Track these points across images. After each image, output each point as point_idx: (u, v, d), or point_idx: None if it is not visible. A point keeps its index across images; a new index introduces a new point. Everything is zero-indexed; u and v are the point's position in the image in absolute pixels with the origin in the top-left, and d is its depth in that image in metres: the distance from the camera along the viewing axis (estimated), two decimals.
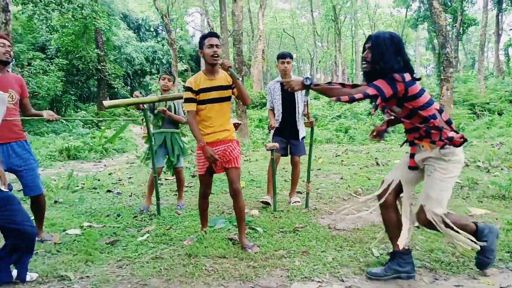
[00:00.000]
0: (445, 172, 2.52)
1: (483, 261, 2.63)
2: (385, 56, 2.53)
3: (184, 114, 4.82)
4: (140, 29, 36.88)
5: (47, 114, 3.73)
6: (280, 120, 4.86)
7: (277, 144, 4.58)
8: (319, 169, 7.50)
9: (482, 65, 22.01)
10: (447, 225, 2.53)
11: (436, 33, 15.08)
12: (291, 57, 4.82)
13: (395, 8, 37.76)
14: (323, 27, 41.60)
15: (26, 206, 5.08)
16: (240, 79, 3.33)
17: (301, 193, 5.36)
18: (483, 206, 4.24)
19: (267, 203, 4.80)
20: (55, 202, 5.42)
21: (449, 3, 25.11)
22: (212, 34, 3.33)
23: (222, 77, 3.40)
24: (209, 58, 3.28)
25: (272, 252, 3.25)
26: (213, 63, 3.30)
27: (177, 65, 26.53)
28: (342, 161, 8.38)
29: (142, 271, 2.96)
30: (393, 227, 2.78)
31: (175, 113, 4.88)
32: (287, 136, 4.88)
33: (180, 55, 31.22)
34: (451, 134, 2.53)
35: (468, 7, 25.13)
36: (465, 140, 2.57)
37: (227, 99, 3.41)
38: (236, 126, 4.21)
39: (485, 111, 15.36)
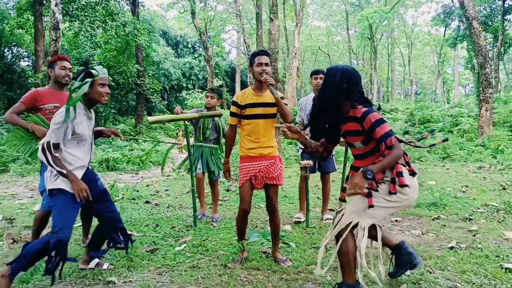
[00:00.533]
0: (390, 197, 2.56)
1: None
2: (334, 90, 2.62)
3: None
4: (178, 45, 38.01)
5: (110, 132, 3.92)
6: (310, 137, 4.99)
7: (311, 162, 4.70)
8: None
9: None
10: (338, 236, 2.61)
11: (475, 53, 14.87)
12: (324, 73, 4.97)
13: (434, 26, 37.31)
14: (359, 45, 41.52)
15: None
16: (280, 95, 3.37)
17: (333, 210, 5.43)
18: None
19: (299, 222, 4.89)
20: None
21: (489, 23, 24.64)
22: (263, 53, 3.44)
23: (269, 95, 3.45)
24: (258, 76, 3.38)
25: (304, 266, 3.35)
26: (261, 81, 3.38)
27: (213, 81, 27.12)
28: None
29: (180, 279, 3.13)
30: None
31: (221, 130, 5.21)
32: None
33: (216, 71, 31.93)
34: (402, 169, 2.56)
35: (509, 26, 24.56)
36: (414, 174, 2.62)
37: (273, 116, 3.46)
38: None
39: None
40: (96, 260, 3.37)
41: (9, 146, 3.73)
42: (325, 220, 4.97)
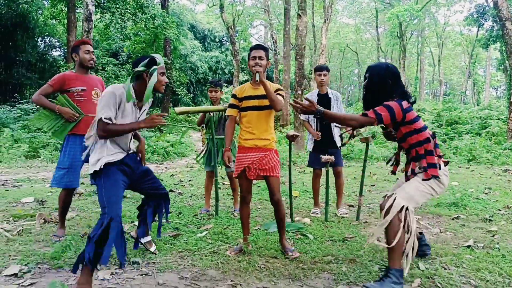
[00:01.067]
0: (426, 182, 2.91)
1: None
2: (382, 85, 2.98)
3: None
4: (206, 39, 38.30)
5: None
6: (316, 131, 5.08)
7: (332, 157, 4.76)
8: (373, 185, 7.55)
9: None
10: (387, 214, 2.81)
11: (508, 55, 14.53)
12: (328, 70, 5.05)
13: (466, 26, 36.40)
14: (388, 43, 40.90)
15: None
16: (277, 87, 3.52)
17: (353, 206, 5.49)
18: None
19: (315, 216, 4.98)
20: (124, 197, 5.92)
21: None
22: (257, 47, 3.54)
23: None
24: (252, 69, 3.49)
25: (321, 257, 3.45)
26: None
27: (239, 75, 27.28)
28: (398, 179, 8.33)
29: (201, 263, 3.27)
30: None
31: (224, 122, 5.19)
32: (325, 147, 5.05)
33: (242, 65, 32.05)
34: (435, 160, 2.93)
35: None
36: (446, 163, 3.01)
37: (268, 107, 3.53)
38: (294, 137, 4.47)
39: None
40: (149, 238, 3.53)
41: (35, 124, 3.92)
42: (340, 214, 5.03)
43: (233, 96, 3.67)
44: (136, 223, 4.43)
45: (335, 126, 5.04)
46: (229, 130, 3.73)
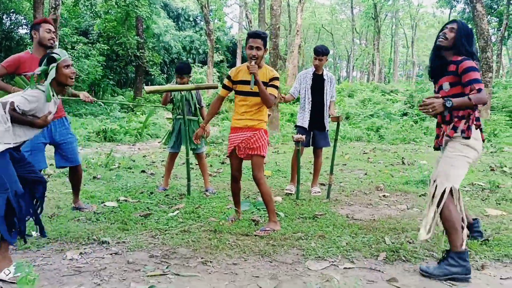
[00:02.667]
0: (453, 150, 2.80)
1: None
2: (468, 41, 2.88)
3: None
4: (179, 18, 37.56)
5: (83, 95, 4.04)
6: (309, 109, 5.06)
7: (303, 137, 4.81)
8: (345, 164, 7.67)
9: None
10: (439, 204, 2.75)
11: (477, 36, 14.80)
12: (325, 54, 4.98)
13: (439, 8, 36.87)
14: (363, 24, 41.13)
15: (64, 179, 5.50)
16: (253, 88, 3.47)
17: (324, 185, 5.57)
18: (500, 208, 4.35)
19: (290, 194, 5.05)
20: (94, 177, 5.85)
21: (495, 6, 24.42)
22: (254, 35, 3.48)
23: (262, 73, 3.57)
24: (248, 59, 3.51)
25: (290, 233, 3.50)
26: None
27: (214, 56, 26.98)
28: (369, 158, 8.50)
29: (172, 241, 3.28)
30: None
31: (195, 103, 5.11)
32: (312, 127, 5.08)
33: (217, 46, 31.69)
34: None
35: None
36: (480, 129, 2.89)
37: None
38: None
39: None
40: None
41: None
42: (313, 193, 5.11)
43: (228, 77, 3.66)
44: (107, 203, 4.40)
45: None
46: (213, 109, 3.74)
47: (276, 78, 3.59)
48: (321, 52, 4.96)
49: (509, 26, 23.09)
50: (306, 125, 5.08)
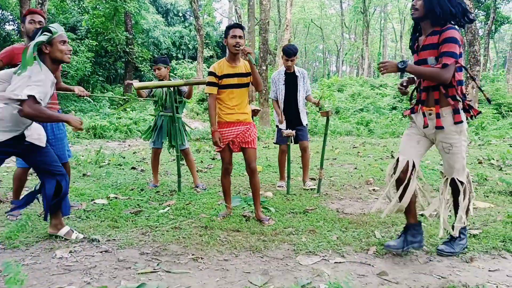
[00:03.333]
0: (460, 145, 2.77)
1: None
2: (442, 1, 2.61)
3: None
4: (169, 13, 37.31)
5: (78, 89, 4.02)
6: (283, 108, 5.12)
7: (293, 132, 4.82)
8: (335, 159, 7.70)
9: None
10: (464, 192, 2.91)
11: (465, 30, 14.91)
12: (295, 55, 4.93)
13: None
14: (352, 19, 41.23)
15: None
16: (255, 64, 3.63)
17: (314, 180, 5.59)
18: (488, 201, 4.40)
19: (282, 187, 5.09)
20: (84, 175, 5.81)
21: (482, 0, 24.58)
22: (237, 26, 3.60)
23: (242, 65, 3.71)
24: (232, 48, 3.57)
25: (281, 229, 3.51)
26: (235, 53, 3.60)
27: (203, 51, 26.85)
28: (359, 152, 8.55)
29: (162, 238, 3.27)
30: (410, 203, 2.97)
31: (176, 98, 5.00)
32: (292, 124, 5.12)
33: (207, 41, 31.54)
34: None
35: (501, 4, 24.53)
36: (479, 112, 2.85)
37: (246, 85, 3.72)
38: (256, 112, 4.48)
39: (511, 111, 15.19)
40: (67, 228, 3.32)
41: None
42: (308, 187, 5.13)
43: (212, 73, 3.66)
44: (97, 201, 4.38)
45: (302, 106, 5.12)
46: (213, 109, 3.69)
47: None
48: (292, 53, 4.94)
49: (496, 20, 23.28)
50: (284, 126, 5.12)
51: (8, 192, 4.78)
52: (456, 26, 2.67)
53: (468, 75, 12.34)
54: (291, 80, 5.09)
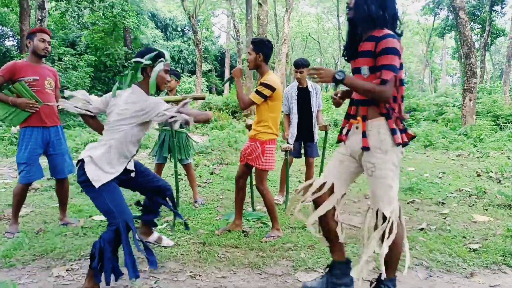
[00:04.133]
0: (385, 168, 2.30)
1: None
2: (377, 3, 2.30)
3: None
4: (167, 28, 37.61)
5: None
6: (296, 123, 5.10)
7: (291, 146, 4.82)
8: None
9: (508, 76, 21.69)
10: (390, 231, 2.31)
11: (461, 43, 15.03)
12: (305, 66, 4.99)
13: (423, 16, 37.41)
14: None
15: (52, 192, 5.45)
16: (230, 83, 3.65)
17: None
18: (487, 214, 4.39)
19: (278, 204, 5.04)
20: (82, 191, 5.78)
21: (478, 13, 24.83)
22: (252, 40, 3.69)
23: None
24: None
25: (280, 245, 3.49)
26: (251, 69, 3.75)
27: (202, 65, 27.00)
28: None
29: (160, 255, 3.25)
30: (333, 236, 2.57)
31: None
32: (303, 139, 5.14)
33: (205, 55, 31.73)
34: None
35: (497, 17, 24.79)
36: (413, 137, 2.40)
37: (255, 103, 3.68)
38: (250, 127, 4.49)
39: (509, 123, 15.21)
40: (157, 235, 3.45)
41: None
42: (307, 202, 5.10)
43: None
44: (95, 217, 4.36)
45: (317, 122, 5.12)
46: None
47: (262, 84, 3.59)
48: (301, 65, 4.97)
49: (492, 33, 23.52)
50: (292, 140, 5.10)
51: (5, 209, 4.75)
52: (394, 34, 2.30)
53: (464, 87, 12.37)
54: (304, 95, 5.11)
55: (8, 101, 3.63)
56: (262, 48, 3.63)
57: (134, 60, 2.81)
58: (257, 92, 3.60)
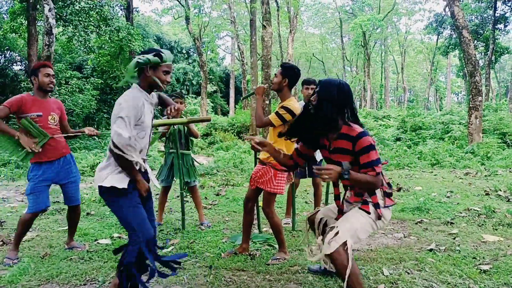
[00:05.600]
0: (360, 215, 2.62)
1: None
2: (330, 105, 2.55)
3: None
4: (173, 51, 38.14)
5: (88, 130, 4.05)
6: None
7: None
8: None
9: None
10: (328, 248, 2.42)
11: (465, 61, 15.08)
12: (316, 84, 5.04)
13: (426, 35, 37.71)
14: (353, 52, 41.87)
15: (61, 216, 5.46)
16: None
17: None
18: (497, 234, 4.32)
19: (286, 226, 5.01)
20: (88, 214, 5.77)
21: (481, 31, 25.00)
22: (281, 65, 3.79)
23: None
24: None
25: (287, 267, 3.45)
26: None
27: (207, 87, 27.24)
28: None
29: (166, 279, 3.20)
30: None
31: (184, 135, 5.09)
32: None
33: (210, 77, 32.06)
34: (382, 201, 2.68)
35: (500, 35, 24.93)
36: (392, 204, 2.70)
37: (272, 124, 3.68)
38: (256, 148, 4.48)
39: None
40: None
41: (0, 149, 3.80)
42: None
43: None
44: (100, 241, 4.33)
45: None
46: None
47: (283, 107, 3.59)
48: (312, 81, 5.04)
49: (495, 51, 23.60)
50: None
51: (11, 234, 4.74)
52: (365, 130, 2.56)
53: (469, 106, 12.33)
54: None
55: (15, 136, 3.63)
56: (290, 74, 3.68)
57: (134, 60, 2.73)
58: (277, 114, 3.60)
